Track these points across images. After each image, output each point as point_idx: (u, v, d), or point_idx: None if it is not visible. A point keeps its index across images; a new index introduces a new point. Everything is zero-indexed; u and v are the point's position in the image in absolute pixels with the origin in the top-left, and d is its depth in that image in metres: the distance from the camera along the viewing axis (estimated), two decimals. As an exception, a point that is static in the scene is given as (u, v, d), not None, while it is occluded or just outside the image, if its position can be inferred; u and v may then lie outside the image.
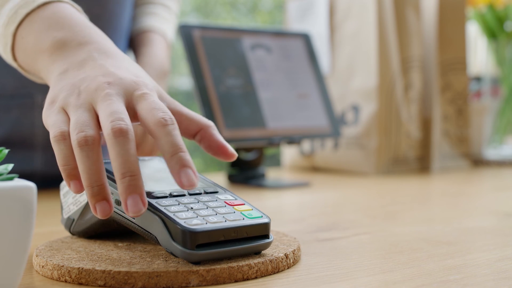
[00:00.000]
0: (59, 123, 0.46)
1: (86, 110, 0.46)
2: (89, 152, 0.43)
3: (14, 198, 0.36)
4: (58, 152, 0.45)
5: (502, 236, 0.60)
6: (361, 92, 1.20)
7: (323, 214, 0.76)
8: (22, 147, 0.92)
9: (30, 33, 0.55)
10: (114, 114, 0.44)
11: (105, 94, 0.46)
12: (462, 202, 0.87)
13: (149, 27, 1.02)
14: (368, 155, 1.19)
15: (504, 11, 1.43)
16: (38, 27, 0.55)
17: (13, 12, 0.56)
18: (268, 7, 4.35)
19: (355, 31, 1.22)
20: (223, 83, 1.03)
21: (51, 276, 0.45)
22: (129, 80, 0.48)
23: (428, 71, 1.25)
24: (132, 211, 0.41)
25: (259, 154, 1.08)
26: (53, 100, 0.49)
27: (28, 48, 0.55)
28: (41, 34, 0.54)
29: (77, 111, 0.46)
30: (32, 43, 0.55)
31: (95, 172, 0.43)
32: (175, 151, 0.43)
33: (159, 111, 0.45)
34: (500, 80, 1.46)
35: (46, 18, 0.55)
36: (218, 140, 0.49)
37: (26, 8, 0.56)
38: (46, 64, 0.53)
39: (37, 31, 0.55)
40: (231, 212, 0.47)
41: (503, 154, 1.41)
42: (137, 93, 0.47)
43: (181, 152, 0.43)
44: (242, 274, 0.44)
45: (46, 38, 0.54)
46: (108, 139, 0.43)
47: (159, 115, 0.45)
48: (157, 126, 0.44)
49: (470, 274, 0.45)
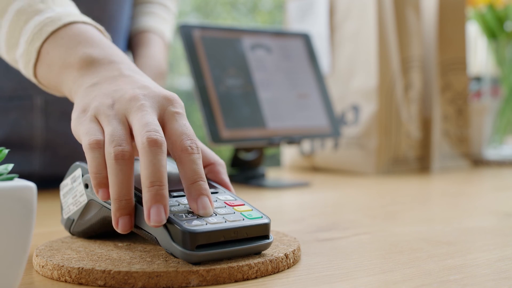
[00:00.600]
0: (93, 131, 0.47)
1: (120, 123, 0.47)
2: (124, 166, 0.45)
3: (14, 198, 0.36)
4: (91, 159, 0.46)
5: (502, 236, 0.60)
6: (361, 92, 1.20)
7: (323, 214, 0.76)
8: (21, 148, 0.92)
9: (57, 48, 0.56)
10: (150, 125, 0.46)
11: (140, 104, 0.48)
12: (462, 202, 0.87)
13: (147, 27, 1.03)
14: (368, 155, 1.19)
15: (504, 11, 1.43)
16: (66, 43, 0.56)
17: (38, 29, 0.57)
18: (268, 7, 4.35)
19: (355, 31, 1.22)
20: (223, 83, 1.03)
21: (51, 276, 0.45)
22: (163, 95, 0.50)
23: (428, 71, 1.25)
24: (154, 220, 0.42)
25: (259, 154, 1.08)
26: (85, 109, 0.50)
27: (54, 62, 0.56)
28: (70, 50, 0.55)
29: (112, 122, 0.47)
30: (58, 58, 0.56)
31: (126, 187, 0.44)
32: (196, 179, 0.46)
33: (188, 138, 0.47)
34: (500, 80, 1.46)
35: (74, 35, 0.56)
36: (223, 178, 0.53)
37: (52, 26, 0.57)
38: (73, 77, 0.54)
39: (65, 47, 0.56)
40: (231, 213, 0.47)
41: (503, 154, 1.41)
42: (171, 109, 0.49)
43: (201, 181, 0.46)
44: (242, 274, 0.44)
45: (75, 53, 0.55)
46: (142, 148, 0.44)
47: (187, 142, 0.47)
48: (184, 153, 0.46)
49: (470, 274, 0.45)
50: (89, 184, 0.50)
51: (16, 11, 0.58)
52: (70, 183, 0.53)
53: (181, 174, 0.46)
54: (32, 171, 0.93)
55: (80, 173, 0.51)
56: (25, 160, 0.93)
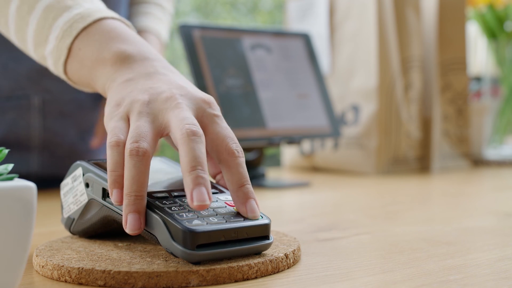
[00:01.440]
0: (118, 130, 0.47)
1: (149, 121, 0.47)
2: (138, 162, 0.44)
3: (14, 198, 0.36)
4: (109, 157, 0.46)
5: (502, 236, 0.60)
6: (361, 92, 1.20)
7: (323, 214, 0.76)
8: (18, 148, 0.92)
9: (89, 44, 0.55)
10: (189, 119, 0.46)
11: (177, 103, 0.48)
12: (462, 202, 0.87)
13: (143, 27, 1.03)
14: (368, 155, 1.19)
15: (504, 11, 1.43)
16: (99, 39, 0.55)
17: (68, 26, 0.56)
18: (268, 7, 4.35)
19: (355, 31, 1.22)
20: (223, 83, 1.03)
21: (51, 276, 0.45)
22: (201, 97, 0.50)
23: (428, 71, 1.25)
24: (198, 200, 0.42)
25: (259, 154, 1.08)
26: (119, 103, 0.49)
27: (86, 58, 0.55)
28: (103, 45, 0.55)
29: (140, 119, 0.47)
30: (91, 54, 0.55)
31: (138, 182, 0.44)
32: (243, 183, 0.47)
33: (233, 141, 0.48)
34: (500, 80, 1.46)
35: (106, 31, 0.56)
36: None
37: (83, 22, 0.56)
38: (107, 73, 0.54)
39: (97, 43, 0.55)
40: (232, 213, 0.47)
41: (503, 154, 1.41)
42: (209, 112, 0.49)
43: (248, 184, 0.47)
44: (242, 274, 0.44)
45: (108, 49, 0.54)
46: (182, 138, 0.45)
47: (233, 146, 0.47)
48: (231, 156, 0.47)
49: (470, 274, 0.45)
50: (90, 183, 0.50)
51: (44, 8, 0.58)
52: (71, 182, 0.53)
53: (228, 178, 0.47)
54: (30, 171, 0.93)
55: (81, 172, 0.51)
56: (22, 160, 0.93)
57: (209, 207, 0.46)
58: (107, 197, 0.49)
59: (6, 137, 0.90)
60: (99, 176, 0.49)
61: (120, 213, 0.47)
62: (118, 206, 0.47)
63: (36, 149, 0.93)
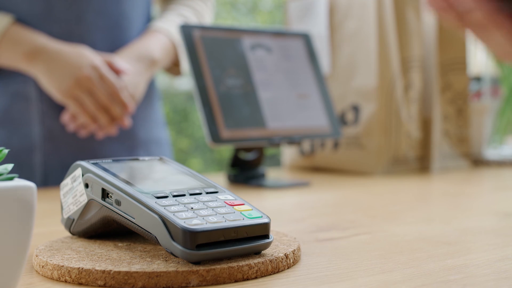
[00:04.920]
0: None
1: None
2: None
3: (14, 198, 0.36)
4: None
5: (502, 236, 0.60)
6: (361, 92, 1.20)
7: (323, 214, 0.76)
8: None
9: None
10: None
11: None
12: (462, 202, 0.87)
13: (154, 28, 1.08)
14: (368, 155, 1.19)
15: (504, 11, 1.43)
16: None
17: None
18: (268, 7, 4.35)
19: (355, 31, 1.22)
20: (223, 83, 1.03)
21: (51, 276, 0.45)
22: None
23: (428, 71, 1.25)
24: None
25: (259, 154, 1.08)
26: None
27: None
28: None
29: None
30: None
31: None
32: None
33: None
34: (500, 80, 1.46)
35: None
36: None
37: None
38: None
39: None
40: (231, 212, 0.47)
41: (503, 154, 1.41)
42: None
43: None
44: (242, 274, 0.44)
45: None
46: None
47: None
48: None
49: (470, 274, 0.45)
50: (89, 184, 0.50)
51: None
52: (70, 183, 0.53)
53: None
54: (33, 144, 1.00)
55: (80, 172, 0.51)
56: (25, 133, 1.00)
57: (208, 206, 0.46)
58: (106, 197, 0.49)
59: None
60: (98, 176, 0.49)
61: (120, 213, 0.47)
62: (118, 206, 0.47)
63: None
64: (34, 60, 0.94)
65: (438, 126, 1.25)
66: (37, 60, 0.94)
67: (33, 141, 1.00)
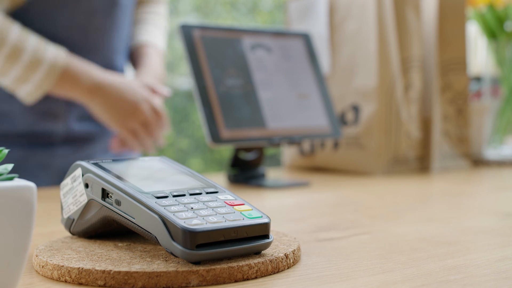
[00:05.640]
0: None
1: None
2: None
3: (14, 198, 0.36)
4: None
5: (502, 236, 0.60)
6: (361, 92, 1.20)
7: (323, 214, 0.76)
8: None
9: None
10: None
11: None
12: (462, 202, 0.87)
13: (144, 42, 1.19)
14: (368, 155, 1.19)
15: (504, 11, 1.43)
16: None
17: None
18: (268, 7, 4.35)
19: (355, 31, 1.22)
20: (223, 83, 1.03)
21: (51, 276, 0.45)
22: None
23: (428, 71, 1.25)
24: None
25: (259, 154, 1.08)
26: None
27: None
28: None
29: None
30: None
31: None
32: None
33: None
34: (500, 80, 1.46)
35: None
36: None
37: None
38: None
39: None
40: (231, 212, 0.47)
41: (503, 154, 1.41)
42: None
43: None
44: (242, 274, 0.44)
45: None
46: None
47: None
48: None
49: (470, 274, 0.45)
50: (89, 184, 0.50)
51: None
52: (70, 183, 0.53)
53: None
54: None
55: (80, 172, 0.51)
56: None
57: (208, 206, 0.46)
58: (106, 197, 0.49)
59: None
60: (98, 176, 0.49)
61: (120, 213, 0.47)
62: (118, 206, 0.47)
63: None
64: (94, 96, 1.02)
65: (438, 126, 1.25)
66: (96, 95, 1.02)
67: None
